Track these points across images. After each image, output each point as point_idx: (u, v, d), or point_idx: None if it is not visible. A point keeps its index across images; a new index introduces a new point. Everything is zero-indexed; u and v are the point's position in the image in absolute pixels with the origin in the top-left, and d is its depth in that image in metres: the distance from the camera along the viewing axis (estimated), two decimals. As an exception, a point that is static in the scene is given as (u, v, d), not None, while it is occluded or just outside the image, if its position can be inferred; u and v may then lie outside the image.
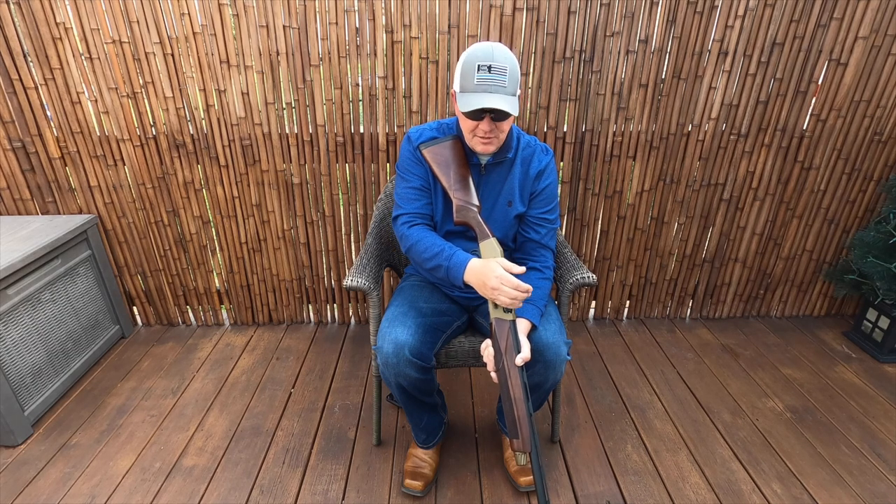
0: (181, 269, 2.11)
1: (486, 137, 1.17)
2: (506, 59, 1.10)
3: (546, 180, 1.31)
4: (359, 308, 2.26)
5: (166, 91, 1.78)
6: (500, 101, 1.09)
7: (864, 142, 1.96)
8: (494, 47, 1.11)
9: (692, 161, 1.99)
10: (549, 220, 1.33)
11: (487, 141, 1.18)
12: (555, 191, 1.34)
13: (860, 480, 1.47)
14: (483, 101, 1.09)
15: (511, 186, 1.30)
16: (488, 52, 1.10)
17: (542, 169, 1.30)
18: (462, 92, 1.13)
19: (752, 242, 2.16)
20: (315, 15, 1.70)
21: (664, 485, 1.45)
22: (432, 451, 1.47)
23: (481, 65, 1.09)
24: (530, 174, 1.30)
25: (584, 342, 2.13)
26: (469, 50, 1.13)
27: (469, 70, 1.11)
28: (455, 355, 1.37)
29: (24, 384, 1.61)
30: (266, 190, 1.97)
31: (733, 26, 1.76)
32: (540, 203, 1.32)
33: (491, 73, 1.09)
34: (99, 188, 1.92)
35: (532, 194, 1.31)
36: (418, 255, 1.24)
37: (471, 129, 1.18)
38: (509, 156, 1.27)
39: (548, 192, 1.31)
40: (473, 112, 1.12)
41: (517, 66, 1.13)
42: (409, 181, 1.30)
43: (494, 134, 1.17)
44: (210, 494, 1.41)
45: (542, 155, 1.32)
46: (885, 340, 1.99)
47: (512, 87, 1.11)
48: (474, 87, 1.10)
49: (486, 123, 1.14)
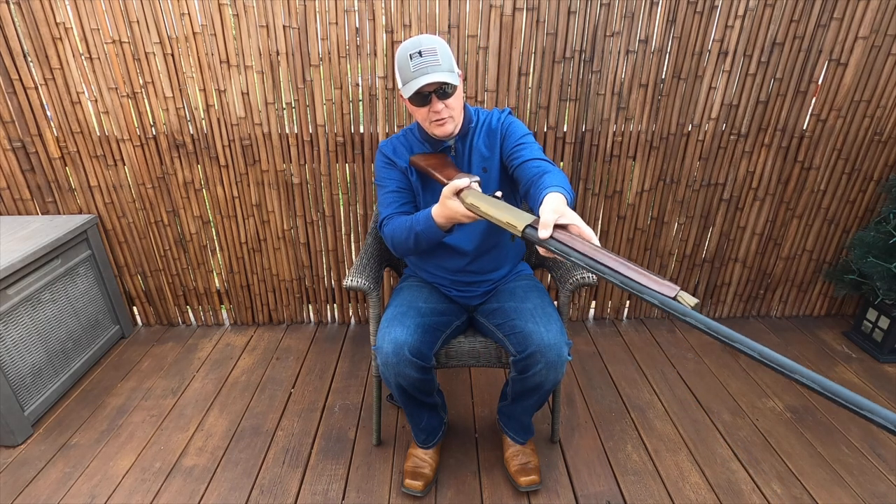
0: (181, 269, 2.11)
1: (440, 119, 1.21)
2: (433, 41, 1.17)
3: (508, 123, 1.34)
4: (359, 308, 2.26)
5: (166, 91, 1.78)
6: (438, 77, 1.14)
7: (864, 142, 1.96)
8: (420, 36, 1.18)
9: (692, 161, 1.99)
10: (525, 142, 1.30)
11: (442, 121, 1.22)
12: (520, 124, 1.35)
13: (860, 480, 1.47)
14: (421, 81, 1.14)
15: (479, 153, 1.33)
16: (415, 41, 1.17)
17: (501, 120, 1.35)
18: (403, 84, 1.19)
19: (752, 242, 2.16)
20: (315, 15, 1.70)
21: (664, 485, 1.45)
22: (432, 451, 1.47)
23: (412, 53, 1.16)
24: (493, 131, 1.34)
25: (584, 342, 2.13)
26: (399, 48, 1.20)
27: (403, 63, 1.17)
28: (455, 355, 1.37)
29: (24, 384, 1.61)
30: (266, 190, 1.97)
31: (733, 26, 1.76)
32: (510, 139, 1.32)
33: (423, 57, 1.15)
34: (99, 188, 1.92)
35: (501, 141, 1.33)
36: (400, 243, 1.26)
37: (424, 117, 1.23)
38: (472, 126, 1.33)
39: (513, 128, 1.33)
40: (417, 95, 1.17)
41: (447, 46, 1.19)
42: (385, 187, 1.34)
43: (447, 113, 1.21)
44: (210, 494, 1.41)
45: (499, 113, 1.37)
46: (885, 340, 1.99)
47: (447, 63, 1.16)
48: (412, 74, 1.16)
49: (435, 104, 1.19)
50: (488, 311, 1.39)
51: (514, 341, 1.25)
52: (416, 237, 1.20)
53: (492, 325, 1.35)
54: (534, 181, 1.16)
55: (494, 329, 1.34)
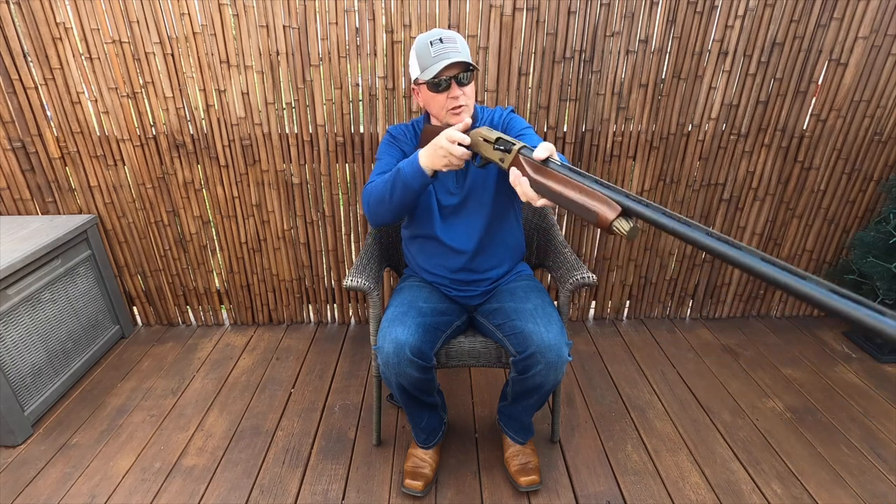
0: (181, 269, 2.11)
1: (457, 106, 1.23)
2: (452, 32, 1.22)
3: (509, 119, 1.35)
4: (359, 308, 2.26)
5: (166, 91, 1.78)
6: (461, 58, 1.17)
7: (864, 142, 1.96)
8: (438, 29, 1.21)
9: (692, 161, 1.99)
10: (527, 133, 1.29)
11: (459, 109, 1.24)
12: (522, 121, 1.35)
13: (860, 480, 1.47)
14: (443, 63, 1.17)
15: None
16: (434, 31, 1.22)
17: (503, 116, 1.37)
18: (423, 70, 1.21)
19: (753, 242, 2.16)
20: (315, 15, 1.70)
21: (664, 485, 1.45)
22: (432, 451, 1.47)
23: (432, 40, 1.19)
24: (494, 124, 1.36)
25: (584, 342, 2.13)
26: (416, 39, 1.23)
27: (423, 49, 1.20)
28: (455, 355, 1.37)
29: (24, 384, 1.61)
30: (266, 190, 1.97)
31: (733, 26, 1.76)
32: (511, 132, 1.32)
33: (444, 43, 1.19)
34: (99, 188, 1.92)
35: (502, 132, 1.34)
36: (377, 196, 1.22)
37: (441, 105, 1.24)
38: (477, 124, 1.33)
39: (515, 122, 1.34)
40: (438, 81, 1.19)
41: (465, 41, 1.23)
42: (381, 160, 1.36)
43: (465, 101, 1.24)
44: (210, 494, 1.41)
45: (502, 110, 1.39)
46: (885, 340, 1.98)
47: (465, 52, 1.21)
48: (433, 59, 1.19)
49: (453, 89, 1.21)
50: (488, 311, 1.39)
51: (515, 341, 1.25)
52: (393, 184, 1.17)
53: (492, 325, 1.35)
54: None
55: (494, 329, 1.34)
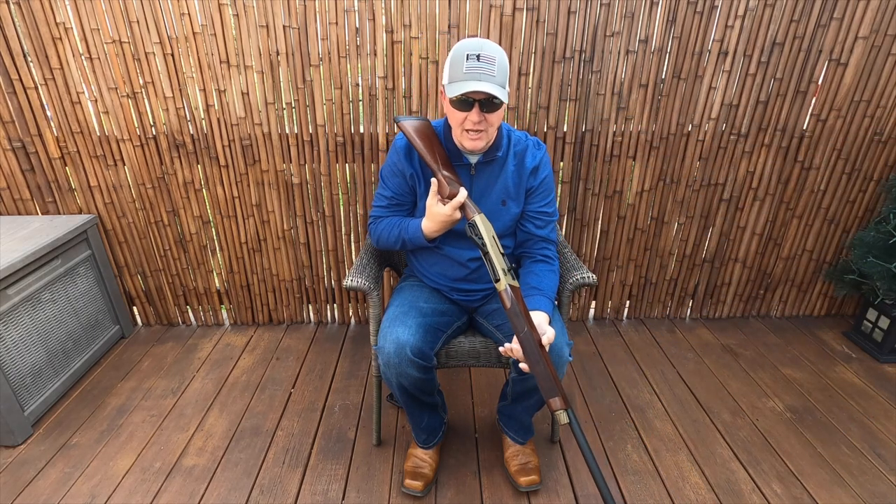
0: (181, 269, 2.11)
1: (475, 130, 1.15)
2: (495, 51, 1.10)
3: (542, 174, 1.31)
4: (359, 308, 2.26)
5: (166, 91, 1.78)
6: (489, 88, 1.08)
7: (864, 142, 1.96)
8: (484, 40, 1.12)
9: (692, 161, 1.99)
10: (549, 213, 1.34)
11: (477, 136, 1.16)
12: (552, 184, 1.34)
13: (860, 480, 1.47)
14: (469, 86, 1.08)
15: (504, 185, 1.29)
16: (477, 43, 1.10)
17: (537, 164, 1.30)
18: (451, 82, 1.12)
19: (752, 242, 2.16)
20: (315, 15, 1.70)
21: (664, 485, 1.45)
22: (432, 451, 1.47)
23: (470, 54, 1.08)
24: (525, 170, 1.29)
25: (584, 342, 2.13)
26: (458, 43, 1.13)
27: (458, 60, 1.10)
28: (455, 355, 1.37)
29: (24, 384, 1.61)
30: (266, 190, 1.97)
31: (733, 26, 1.76)
32: (538, 197, 1.32)
33: (480, 62, 1.08)
34: (99, 188, 1.92)
35: (529, 190, 1.31)
36: (386, 244, 1.35)
37: (460, 122, 1.16)
38: (499, 154, 1.27)
39: (545, 186, 1.32)
40: (462, 99, 1.11)
41: (506, 60, 1.13)
42: (386, 187, 1.36)
43: (484, 127, 1.15)
44: (210, 494, 1.41)
45: (535, 150, 1.31)
46: (885, 340, 1.99)
47: (501, 77, 1.10)
48: (463, 75, 1.09)
49: (475, 113, 1.12)
50: (488, 311, 1.39)
51: (514, 342, 1.25)
52: (403, 243, 1.31)
53: (492, 325, 1.35)
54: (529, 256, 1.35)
55: (494, 329, 1.34)
